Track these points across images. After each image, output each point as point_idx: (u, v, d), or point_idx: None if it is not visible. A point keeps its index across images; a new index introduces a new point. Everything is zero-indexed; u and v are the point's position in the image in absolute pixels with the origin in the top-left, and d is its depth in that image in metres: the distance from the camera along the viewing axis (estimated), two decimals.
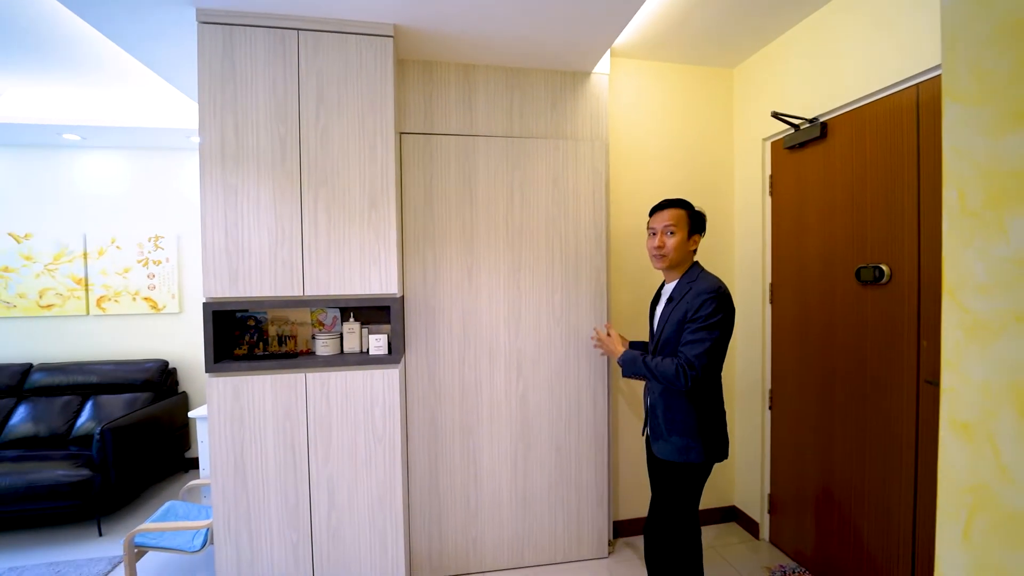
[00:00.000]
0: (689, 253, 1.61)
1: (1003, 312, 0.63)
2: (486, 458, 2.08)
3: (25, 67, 2.34)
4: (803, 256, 2.07)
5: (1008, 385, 0.62)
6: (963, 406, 0.67)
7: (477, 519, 2.08)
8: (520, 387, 2.10)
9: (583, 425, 2.16)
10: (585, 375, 2.15)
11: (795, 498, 2.15)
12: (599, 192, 2.15)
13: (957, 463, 0.68)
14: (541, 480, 2.13)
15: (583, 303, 2.15)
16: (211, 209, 1.63)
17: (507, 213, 2.08)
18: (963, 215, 0.67)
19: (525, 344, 2.10)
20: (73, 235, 3.11)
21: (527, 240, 2.09)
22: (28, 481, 2.37)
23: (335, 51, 1.69)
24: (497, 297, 2.07)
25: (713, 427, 1.54)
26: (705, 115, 2.42)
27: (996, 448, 0.63)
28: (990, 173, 0.64)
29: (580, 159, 2.13)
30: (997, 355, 0.63)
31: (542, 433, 2.13)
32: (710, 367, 1.47)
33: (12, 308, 3.06)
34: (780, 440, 2.24)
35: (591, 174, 2.14)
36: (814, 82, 1.95)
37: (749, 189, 2.37)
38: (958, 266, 0.68)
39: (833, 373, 1.92)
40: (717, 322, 1.46)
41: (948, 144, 0.69)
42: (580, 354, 2.15)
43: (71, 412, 2.89)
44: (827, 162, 1.93)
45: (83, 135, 2.96)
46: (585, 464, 2.16)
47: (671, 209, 1.60)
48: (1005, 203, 0.62)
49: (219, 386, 1.65)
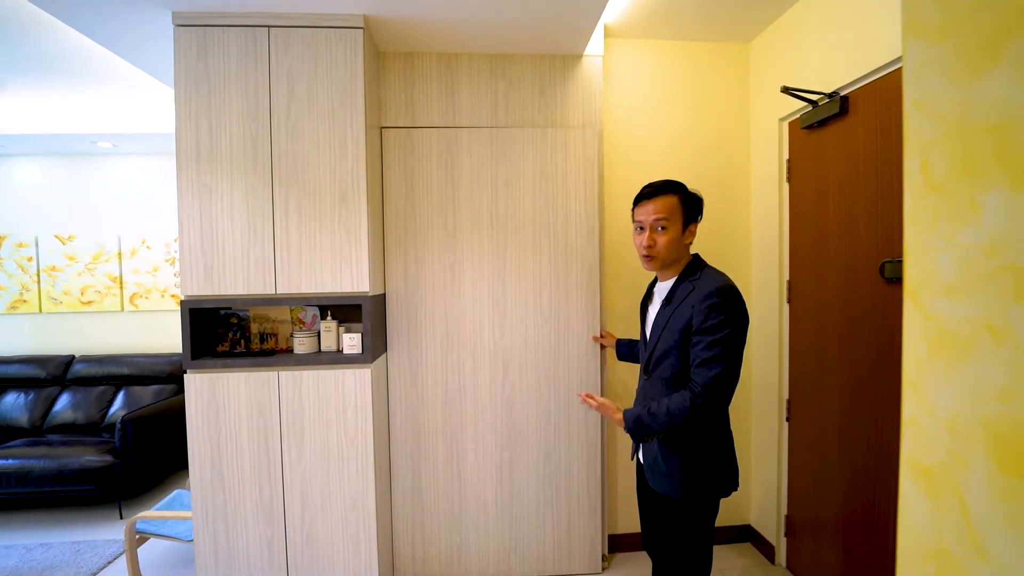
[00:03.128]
0: (684, 249, 1.34)
1: (974, 321, 0.47)
2: (470, 463, 2.01)
3: (58, 81, 2.51)
4: (824, 250, 1.83)
5: (980, 420, 0.46)
6: (925, 445, 0.51)
7: (461, 524, 2.01)
8: (506, 389, 2.01)
9: (574, 431, 2.03)
10: (576, 377, 2.02)
11: (815, 520, 1.91)
12: (591, 183, 2.00)
13: (918, 519, 0.52)
14: (528, 488, 2.02)
15: (573, 301, 2.01)
16: (187, 209, 1.66)
17: (491, 207, 1.98)
18: (927, 191, 0.51)
19: (512, 344, 2.00)
20: (109, 236, 3.35)
21: (513, 235, 1.99)
22: (60, 464, 2.57)
23: (305, 47, 1.67)
24: (481, 295, 1.99)
25: (721, 451, 1.29)
26: (716, 96, 2.20)
27: (965, 506, 0.47)
28: (958, 131, 0.48)
29: (571, 147, 1.99)
30: (967, 378, 0.47)
31: (529, 438, 2.02)
32: (732, 389, 1.20)
33: (59, 304, 3.33)
34: (799, 455, 2.00)
35: (582, 163, 1.99)
36: (835, 50, 1.71)
37: (764, 176, 2.13)
38: (921, 259, 0.52)
39: (858, 380, 1.69)
40: (731, 332, 1.19)
41: (909, 97, 0.53)
42: (570, 355, 2.02)
43: (105, 401, 3.10)
44: (849, 142, 1.69)
45: (115, 142, 3.16)
46: (577, 473, 2.03)
47: (661, 198, 1.31)
48: (976, 171, 0.46)
49: (196, 382, 1.68)
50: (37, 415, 3.05)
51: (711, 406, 1.18)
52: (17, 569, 2.20)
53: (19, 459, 2.58)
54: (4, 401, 3.08)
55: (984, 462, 0.45)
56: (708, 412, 1.19)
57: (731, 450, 1.33)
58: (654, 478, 1.34)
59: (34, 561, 2.25)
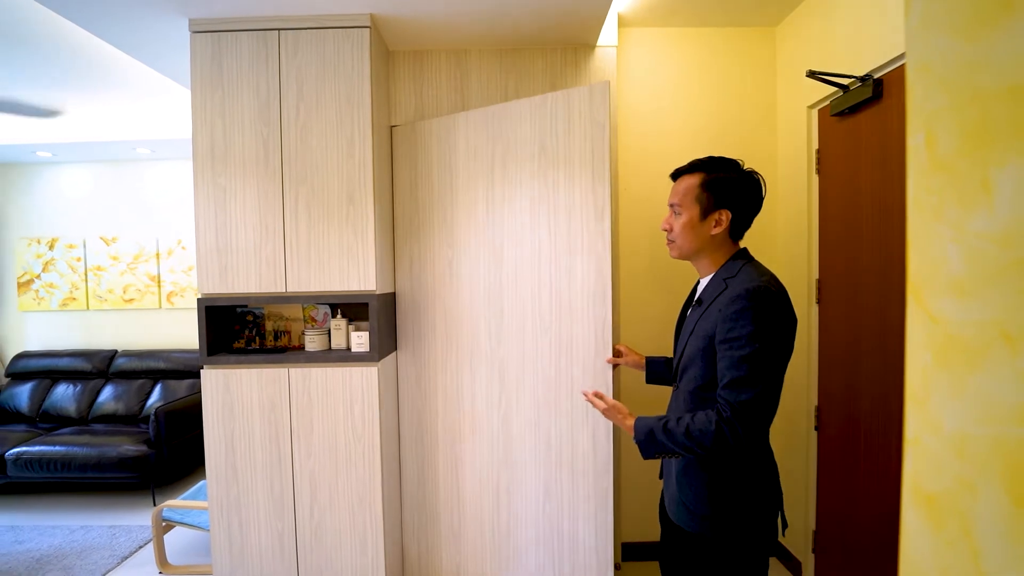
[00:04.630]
0: (710, 240, 1.12)
1: (984, 325, 0.40)
2: (468, 480, 1.85)
3: (100, 92, 2.66)
4: (857, 247, 1.69)
5: (992, 443, 0.39)
6: (930, 469, 0.44)
7: (460, 543, 1.87)
8: (503, 407, 1.77)
9: (578, 463, 1.64)
10: (580, 403, 1.63)
11: (846, 537, 1.78)
12: (600, 152, 1.56)
13: (920, 555, 0.45)
14: (527, 524, 1.74)
15: (577, 306, 1.62)
16: (203, 210, 1.71)
17: (487, 193, 1.76)
18: (932, 170, 0.44)
19: (508, 353, 1.74)
20: (148, 237, 3.53)
21: (507, 225, 1.73)
22: (100, 452, 2.73)
23: (313, 48, 1.69)
24: (477, 295, 1.80)
25: (756, 480, 1.06)
26: (740, 84, 2.08)
27: (974, 544, 0.40)
28: (969, 96, 0.40)
29: (573, 111, 1.61)
30: (977, 393, 0.40)
31: (527, 463, 1.73)
32: (768, 415, 1.00)
33: (103, 302, 3.55)
34: (828, 467, 1.87)
35: (588, 129, 1.59)
36: (869, 29, 1.58)
37: (792, 167, 2.00)
38: (925, 251, 0.45)
39: (894, 388, 1.55)
40: (761, 347, 0.98)
41: (912, 59, 0.45)
42: (574, 377, 1.62)
43: (144, 394, 3.28)
44: (884, 129, 1.55)
45: (152, 148, 3.33)
46: (583, 519, 1.65)
47: (683, 177, 1.16)
48: (989, 143, 0.39)
49: (212, 377, 1.73)
50: (83, 405, 3.26)
51: (740, 436, 0.98)
52: (60, 549, 2.35)
53: (65, 446, 2.76)
54: (55, 392, 3.31)
55: (997, 493, 0.38)
56: (736, 443, 0.99)
57: (772, 479, 1.08)
58: (672, 505, 1.14)
59: (75, 542, 2.40)
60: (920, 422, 0.45)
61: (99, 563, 2.22)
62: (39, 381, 3.37)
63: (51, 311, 3.58)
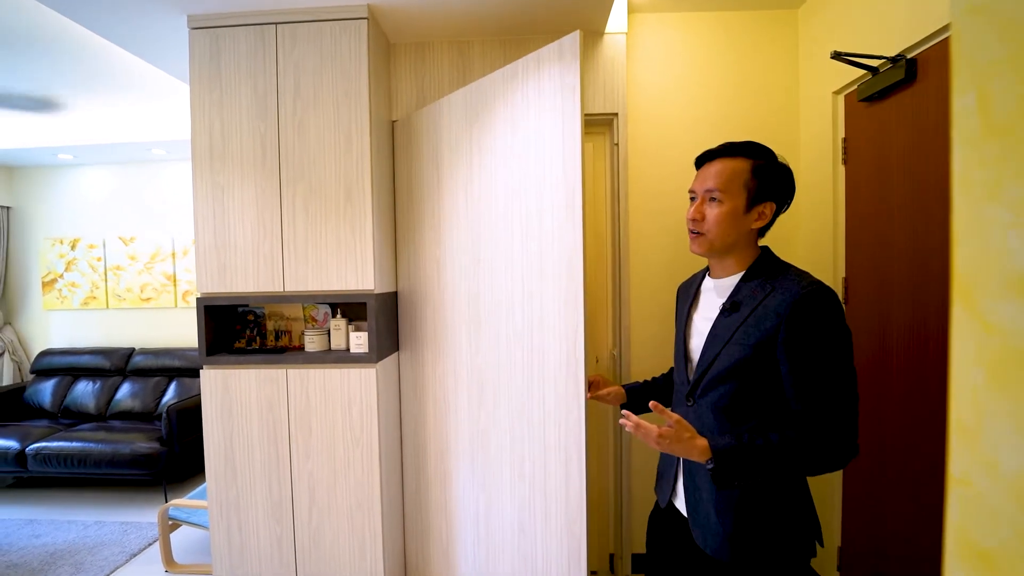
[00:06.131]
0: (747, 234, 1.00)
1: None
2: (455, 496, 1.74)
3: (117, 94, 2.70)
4: (888, 243, 1.56)
5: None
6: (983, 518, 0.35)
7: (452, 562, 1.79)
8: (483, 418, 1.61)
9: (551, 505, 1.39)
10: (551, 419, 1.37)
11: (873, 555, 1.65)
12: (571, 127, 1.25)
13: None
14: (503, 560, 1.56)
15: (549, 310, 1.36)
16: (202, 208, 1.69)
17: (467, 183, 1.61)
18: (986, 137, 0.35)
19: (485, 362, 1.58)
20: (164, 237, 3.59)
21: (484, 217, 1.55)
22: (114, 449, 2.77)
23: (311, 42, 1.65)
24: (459, 296, 1.67)
25: (797, 500, 0.98)
26: (759, 70, 1.96)
27: None
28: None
29: (543, 77, 1.32)
30: None
31: (503, 488, 1.54)
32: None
33: (122, 301, 3.62)
34: (855, 480, 1.74)
35: (558, 94, 1.27)
36: (900, 4, 1.45)
37: (816, 157, 1.87)
38: (977, 240, 0.36)
39: (926, 397, 1.42)
40: (849, 351, 0.91)
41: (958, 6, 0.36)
42: (546, 395, 1.37)
43: (159, 391, 3.33)
44: (918, 114, 1.42)
45: (167, 149, 3.37)
46: (555, 567, 1.39)
47: (722, 160, 0.99)
48: None
49: (211, 377, 1.71)
50: (102, 402, 3.33)
51: (850, 452, 0.90)
52: (73, 543, 2.39)
53: (82, 442, 2.82)
54: (76, 388, 3.39)
55: None
56: (846, 461, 0.91)
57: (808, 499, 1.01)
58: (703, 532, 1.00)
59: (88, 538, 2.44)
60: (969, 458, 0.36)
61: (109, 559, 2.24)
62: (61, 378, 3.45)
63: (73, 310, 3.67)
